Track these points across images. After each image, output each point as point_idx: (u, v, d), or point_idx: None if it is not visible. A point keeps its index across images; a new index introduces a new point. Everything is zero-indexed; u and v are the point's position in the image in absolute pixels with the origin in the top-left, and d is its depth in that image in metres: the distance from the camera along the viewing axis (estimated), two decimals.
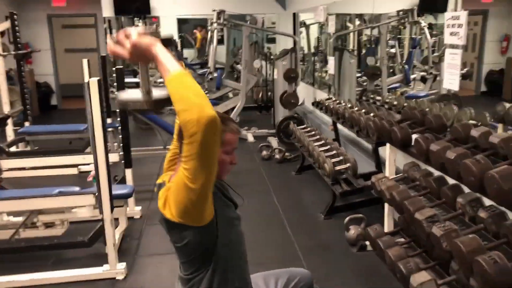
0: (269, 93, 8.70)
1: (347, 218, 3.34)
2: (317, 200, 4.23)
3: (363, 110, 3.89)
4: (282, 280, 1.85)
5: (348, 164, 3.66)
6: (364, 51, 7.16)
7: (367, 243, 3.25)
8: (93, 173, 4.07)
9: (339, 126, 4.76)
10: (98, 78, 2.71)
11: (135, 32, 1.28)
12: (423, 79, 8.13)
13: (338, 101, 4.63)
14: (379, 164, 3.76)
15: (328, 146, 4.13)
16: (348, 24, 8.24)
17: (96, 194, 2.81)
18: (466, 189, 2.49)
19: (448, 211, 2.57)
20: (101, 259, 3.08)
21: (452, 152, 2.13)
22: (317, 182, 4.73)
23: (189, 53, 11.94)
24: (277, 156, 5.43)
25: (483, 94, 9.59)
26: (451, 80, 3.09)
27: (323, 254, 3.31)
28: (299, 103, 6.14)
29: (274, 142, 5.70)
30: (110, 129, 5.84)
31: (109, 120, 5.99)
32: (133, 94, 1.45)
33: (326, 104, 4.62)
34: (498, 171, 1.80)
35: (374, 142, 3.37)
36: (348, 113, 3.88)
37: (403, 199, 2.66)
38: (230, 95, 8.91)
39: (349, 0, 5.75)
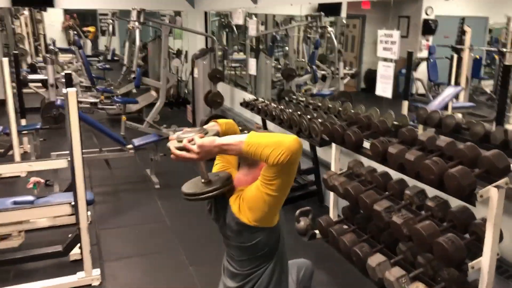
0: (183, 90, 8.81)
1: (298, 211, 3.72)
2: None
3: (298, 112, 4.29)
4: (294, 271, 2.15)
5: None
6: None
7: (316, 231, 3.66)
8: (33, 179, 3.93)
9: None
10: (75, 89, 2.71)
11: (196, 136, 1.54)
12: (323, 78, 8.91)
13: (268, 102, 4.98)
14: (317, 161, 4.21)
15: None
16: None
17: (73, 203, 2.83)
18: (409, 182, 3.01)
19: (394, 201, 3.05)
20: (64, 268, 3.10)
21: (411, 155, 2.60)
22: None
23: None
24: None
25: (363, 90, 10.74)
26: (384, 89, 3.61)
27: None
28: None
29: None
30: (25, 132, 5.55)
31: (23, 122, 5.67)
32: (196, 186, 1.72)
33: (259, 106, 4.95)
34: (457, 171, 2.28)
35: (318, 143, 3.79)
36: (287, 115, 4.26)
37: (357, 193, 3.10)
38: (134, 91, 8.85)
39: (268, 5, 6.11)
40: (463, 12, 7.31)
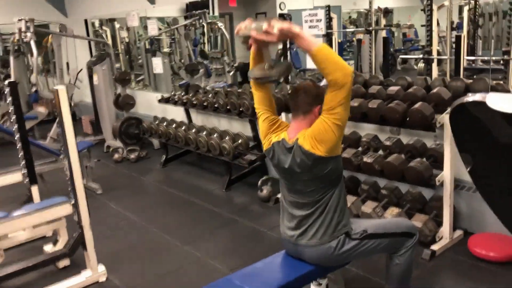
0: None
1: (260, 181, 4.10)
2: (202, 180, 4.81)
3: (233, 96, 4.64)
4: None
5: (240, 140, 4.38)
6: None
7: (279, 195, 4.05)
8: None
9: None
10: (64, 86, 2.70)
11: (274, 21, 1.83)
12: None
13: (191, 95, 5.23)
14: (257, 136, 4.60)
15: (205, 131, 4.73)
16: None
17: (73, 202, 2.80)
18: (361, 132, 3.58)
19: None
20: (58, 275, 3.02)
21: (373, 103, 3.15)
22: (188, 167, 5.25)
23: None
24: (133, 156, 5.65)
25: (240, 83, 11.42)
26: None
27: (249, 213, 3.94)
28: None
29: (117, 144, 5.83)
30: None
31: None
32: (260, 70, 2.01)
33: (183, 99, 5.19)
34: (420, 106, 2.88)
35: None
36: (223, 100, 4.58)
37: None
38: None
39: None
40: (317, 3, 8.32)
